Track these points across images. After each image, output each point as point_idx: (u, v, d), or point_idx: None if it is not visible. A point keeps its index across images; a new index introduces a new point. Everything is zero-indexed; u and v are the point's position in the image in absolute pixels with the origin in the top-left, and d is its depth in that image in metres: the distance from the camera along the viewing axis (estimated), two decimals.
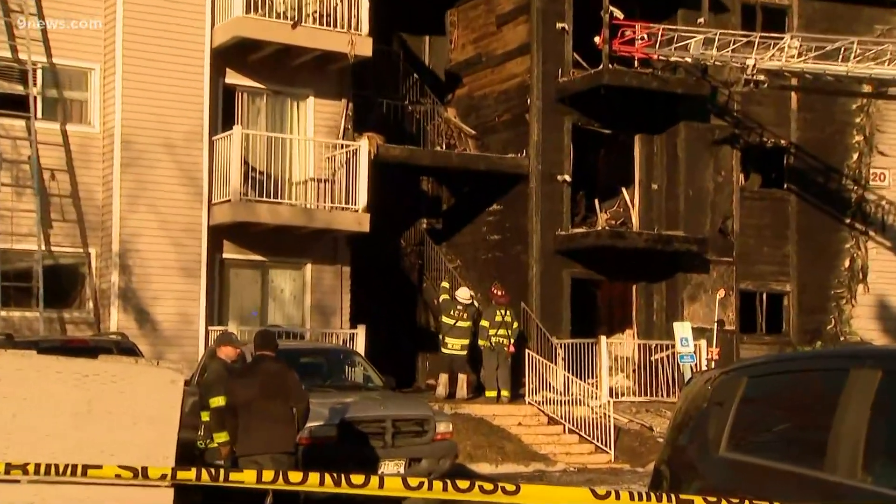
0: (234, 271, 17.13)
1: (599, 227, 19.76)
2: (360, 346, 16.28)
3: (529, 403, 17.26)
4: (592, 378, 18.20)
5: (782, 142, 21.30)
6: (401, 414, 11.52)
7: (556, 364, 18.04)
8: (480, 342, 17.60)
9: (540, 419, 17.00)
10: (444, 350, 17.63)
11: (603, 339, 18.42)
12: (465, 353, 17.61)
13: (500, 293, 17.90)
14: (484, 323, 17.64)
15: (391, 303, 21.13)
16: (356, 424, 11.16)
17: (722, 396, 5.29)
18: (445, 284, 18.51)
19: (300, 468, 8.91)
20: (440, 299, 18.00)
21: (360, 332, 16.58)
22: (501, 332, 17.55)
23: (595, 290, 21.67)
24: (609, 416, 16.32)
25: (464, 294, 17.98)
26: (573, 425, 16.59)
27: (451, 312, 17.57)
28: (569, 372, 17.69)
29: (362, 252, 18.86)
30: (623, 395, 18.45)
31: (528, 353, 17.68)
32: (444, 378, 17.67)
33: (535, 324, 19.13)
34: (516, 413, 17.05)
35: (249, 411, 8.43)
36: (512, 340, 17.62)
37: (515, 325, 17.80)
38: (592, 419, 16.47)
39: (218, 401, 9.17)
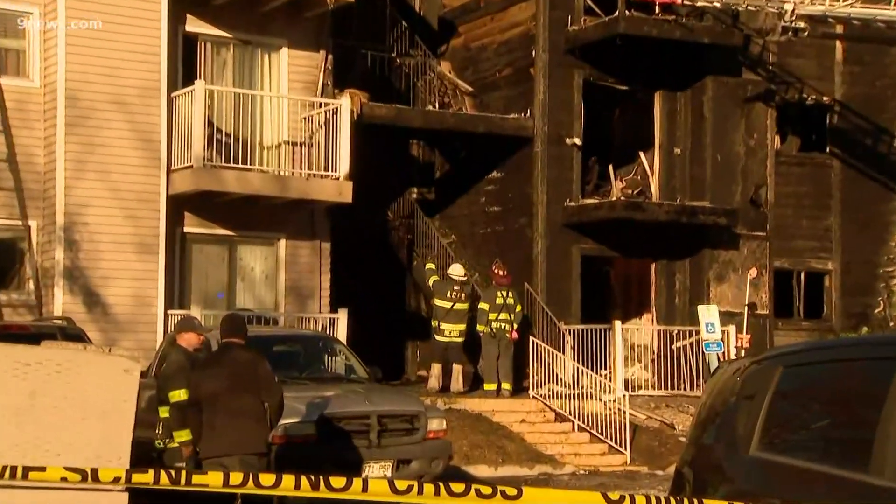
0: (197, 247, 17.12)
1: (614, 198, 19.77)
2: (341, 332, 16.30)
3: (534, 398, 17.33)
4: (605, 369, 18.26)
5: (825, 99, 21.30)
6: (388, 409, 11.55)
7: (563, 353, 18.09)
8: (479, 328, 17.64)
9: (546, 415, 17.07)
10: (438, 338, 17.66)
11: (617, 324, 18.47)
12: (462, 339, 17.65)
13: (501, 273, 17.93)
14: (483, 306, 17.66)
15: (377, 283, 21.15)
16: (337, 421, 11.19)
17: (753, 389, 5.31)
18: (431, 265, 18.52)
19: (273, 471, 8.93)
20: (430, 282, 18.00)
21: (342, 316, 16.60)
22: (503, 316, 17.58)
23: (608, 268, 21.71)
24: (624, 413, 16.40)
25: (457, 270, 18.00)
26: (583, 422, 16.66)
27: (448, 294, 17.59)
28: (579, 362, 17.75)
29: (344, 226, 18.84)
30: (640, 388, 18.53)
31: (533, 341, 17.73)
32: (436, 369, 17.73)
33: (541, 307, 19.17)
34: (519, 408, 17.11)
35: (215, 407, 8.44)
36: (515, 326, 17.66)
37: (518, 308, 17.84)
38: (605, 415, 16.54)
39: (179, 395, 9.18)
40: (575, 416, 16.73)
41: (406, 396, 12.96)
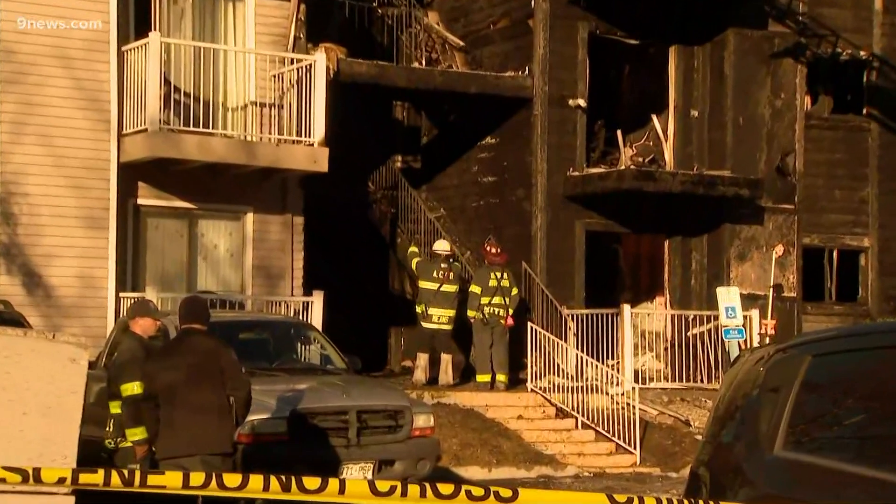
0: (152, 222, 17.10)
1: (622, 166, 19.79)
2: (315, 317, 16.32)
3: (532, 391, 17.39)
4: (613, 359, 18.31)
5: (862, 53, 21.30)
6: (368, 404, 11.58)
7: (566, 341, 18.15)
8: (470, 313, 17.67)
9: (546, 411, 17.13)
10: (425, 324, 17.69)
11: (626, 308, 18.53)
12: (451, 326, 17.69)
13: (494, 251, 17.94)
14: (474, 289, 17.69)
15: (356, 263, 21.17)
16: (311, 418, 11.22)
17: (778, 380, 5.33)
18: (413, 248, 18.54)
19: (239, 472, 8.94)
20: (413, 264, 18.01)
21: (317, 299, 16.62)
22: (497, 300, 17.61)
23: (616, 246, 21.75)
24: (634, 408, 16.47)
25: (442, 246, 18.01)
26: (588, 418, 16.73)
27: (434, 274, 17.61)
28: (583, 351, 17.80)
29: (319, 198, 18.83)
30: (652, 380, 18.60)
31: (531, 327, 17.78)
32: (423, 359, 17.76)
33: (540, 290, 19.21)
34: (516, 403, 17.17)
35: (173, 401, 8.45)
36: (510, 311, 17.69)
37: (514, 291, 17.87)
38: (613, 411, 16.62)
39: (132, 388, 9.19)
40: (578, 412, 16.79)
41: (389, 390, 12.99)
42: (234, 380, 8.57)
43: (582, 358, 17.51)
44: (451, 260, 17.95)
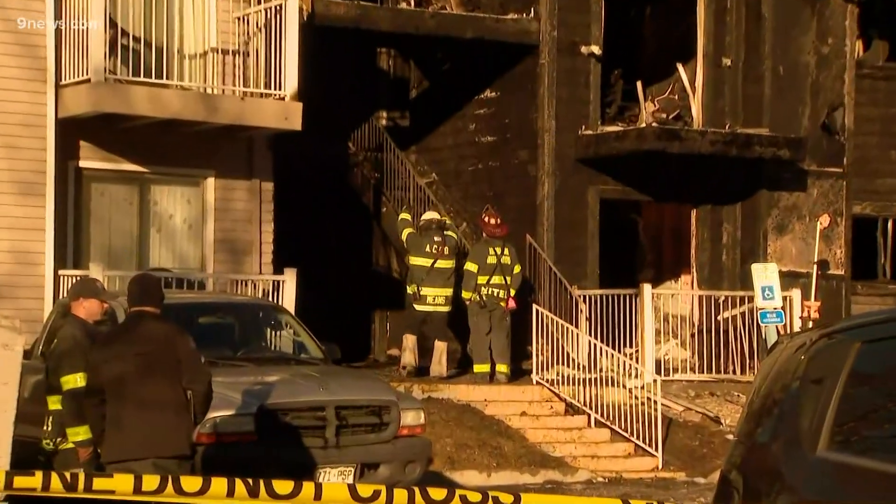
0: (97, 188, 17.06)
1: (643, 124, 19.78)
2: (288, 299, 16.32)
3: (538, 383, 17.43)
4: (631, 347, 18.34)
5: None
6: (349, 399, 11.60)
7: (577, 326, 18.16)
8: (465, 294, 17.67)
9: (553, 406, 17.18)
10: (417, 306, 17.71)
11: (647, 289, 18.55)
12: (448, 308, 17.70)
13: (494, 222, 17.92)
14: (470, 267, 17.68)
15: (335, 236, 21.17)
16: (283, 415, 11.23)
17: (822, 371, 5.34)
18: (406, 215, 18.45)
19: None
20: (404, 236, 17.99)
21: (289, 278, 16.61)
22: (496, 279, 17.61)
23: (636, 217, 21.74)
24: (655, 403, 16.51)
25: (432, 214, 18.04)
26: (602, 415, 16.78)
27: (426, 248, 17.61)
28: (596, 337, 17.83)
29: (291, 160, 18.80)
30: (676, 371, 18.65)
31: (537, 311, 17.80)
32: (410, 341, 17.76)
33: (548, 267, 19.22)
34: (519, 397, 17.21)
35: (121, 396, 8.45)
36: (512, 292, 17.70)
37: (517, 268, 17.87)
38: (631, 406, 16.66)
39: (74, 380, 9.18)
40: (591, 408, 16.83)
41: (372, 382, 13.01)
42: (192, 371, 8.57)
43: (595, 346, 17.53)
44: (445, 231, 17.93)
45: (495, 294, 17.55)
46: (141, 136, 16.75)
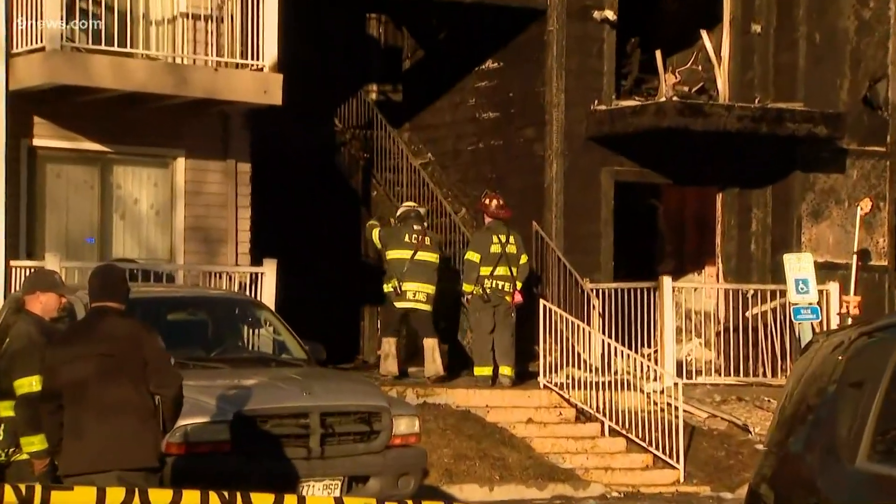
0: (52, 169, 17.05)
1: (663, 97, 19.76)
2: (267, 293, 16.34)
3: (546, 387, 17.44)
4: (649, 346, 18.34)
5: None
6: (335, 404, 11.59)
7: (589, 323, 18.17)
8: (466, 287, 17.69)
9: (563, 413, 17.19)
10: (398, 304, 17.71)
11: (667, 282, 18.55)
12: (430, 307, 17.71)
13: (496, 202, 17.89)
14: (471, 256, 17.68)
15: (319, 224, 21.14)
16: (262, 422, 11.22)
17: (862, 373, 5.33)
18: (372, 221, 18.58)
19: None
20: (375, 235, 17.94)
21: (269, 270, 16.62)
22: (501, 270, 17.60)
23: (654, 201, 21.72)
24: (677, 409, 16.51)
25: (411, 203, 18.11)
26: (617, 423, 16.79)
27: (405, 238, 17.60)
28: (611, 336, 17.84)
29: (271, 139, 18.78)
30: (700, 373, 18.65)
31: (545, 306, 17.80)
32: (390, 345, 17.71)
33: (556, 258, 19.22)
34: (525, 403, 17.22)
35: (81, 401, 8.43)
36: (518, 285, 17.70)
37: (524, 259, 17.87)
38: (650, 413, 16.67)
39: (29, 384, 9.16)
40: (605, 414, 16.85)
41: (361, 386, 13.00)
42: (160, 373, 8.55)
43: (610, 345, 17.53)
44: (425, 221, 17.94)
45: (500, 287, 17.54)
46: (102, 111, 16.73)
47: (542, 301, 17.90)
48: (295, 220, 20.57)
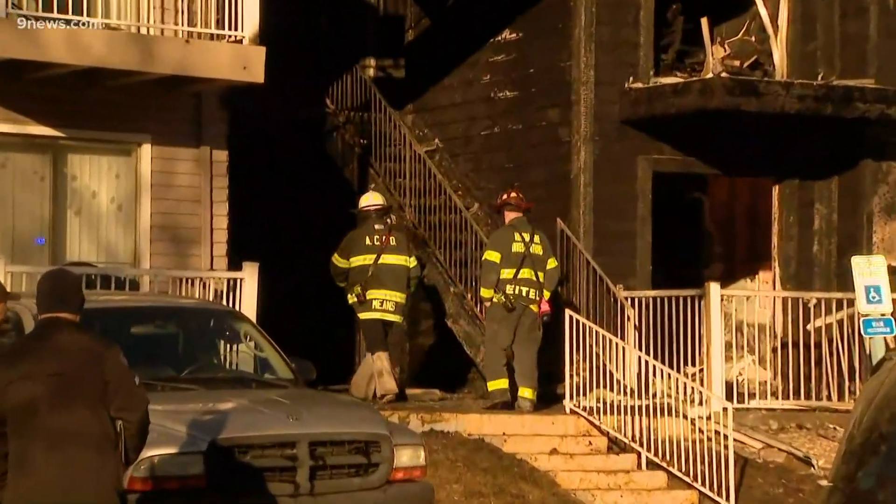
0: None
1: (710, 74, 19.74)
2: (247, 303, 16.36)
3: (573, 412, 17.42)
4: (694, 365, 18.31)
5: None
6: (327, 432, 11.57)
7: (623, 337, 18.15)
8: (484, 293, 17.70)
9: (593, 442, 17.17)
10: (362, 314, 17.77)
11: (714, 289, 18.51)
12: (401, 318, 17.87)
13: (514, 195, 17.85)
14: (491, 256, 17.63)
15: (307, 221, 21.13)
16: (241, 453, 11.20)
17: None
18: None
19: None
20: (335, 260, 17.90)
21: (249, 276, 16.63)
22: (525, 273, 17.55)
23: (699, 195, 21.69)
24: (727, 438, 16.49)
25: (374, 198, 18.07)
26: (656, 454, 16.76)
27: (366, 240, 17.66)
28: (648, 353, 17.82)
29: (251, 123, 18.79)
30: (753, 396, 18.62)
31: (570, 318, 17.76)
32: (382, 360, 17.59)
33: (584, 261, 19.22)
34: (548, 430, 17.20)
35: (29, 428, 8.41)
36: (546, 294, 17.69)
37: (552, 262, 17.84)
38: (694, 443, 16.64)
39: None
40: (642, 444, 16.82)
41: (357, 410, 13.02)
42: (122, 396, 8.54)
43: (647, 363, 17.50)
44: (390, 220, 17.93)
45: (524, 294, 17.54)
46: (55, 90, 16.78)
47: (567, 311, 17.86)
48: (279, 217, 20.58)
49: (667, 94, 19.56)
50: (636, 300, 18.67)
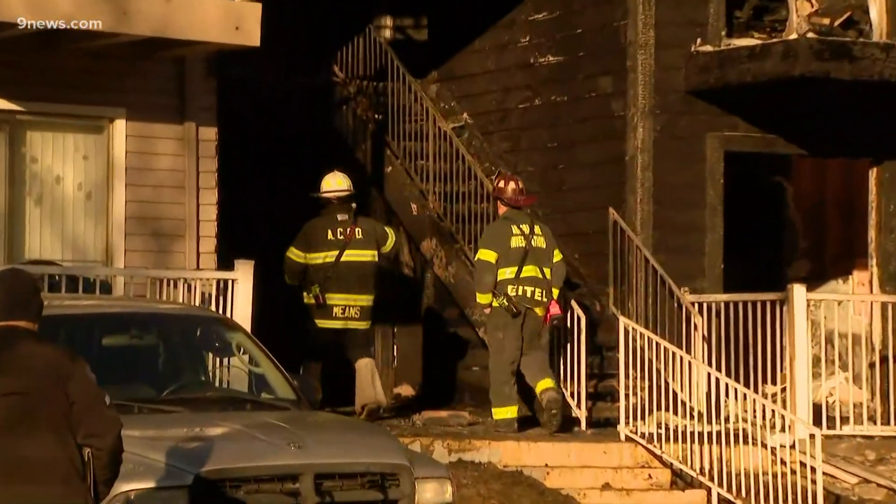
0: None
1: (794, 35, 19.70)
2: (240, 309, 16.45)
3: (629, 439, 17.46)
4: (774, 383, 18.28)
5: None
6: (335, 462, 11.58)
7: (689, 351, 18.17)
8: (482, 299, 17.85)
9: (654, 475, 17.20)
10: (320, 322, 18.01)
11: (799, 293, 18.49)
12: (367, 323, 18.15)
13: (513, 185, 17.92)
14: (485, 255, 17.76)
15: (311, 214, 21.14)
16: (234, 487, 11.21)
17: None
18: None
19: None
20: (293, 255, 18.15)
21: (243, 276, 16.66)
22: (528, 270, 17.68)
23: (781, 180, 21.67)
24: (814, 470, 16.47)
25: (336, 182, 18.16)
26: (729, 490, 16.76)
27: (327, 234, 17.88)
28: (719, 369, 17.83)
29: (245, 94, 18.81)
30: (846, 421, 18.61)
31: (625, 326, 17.76)
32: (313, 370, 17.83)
33: (642, 258, 19.22)
34: (600, 461, 17.25)
35: None
36: (555, 293, 17.82)
37: (557, 255, 17.95)
38: (775, 476, 16.64)
39: None
40: (713, 478, 16.82)
41: (371, 436, 13.02)
42: (91, 419, 8.54)
43: (718, 381, 17.48)
44: (355, 207, 18.05)
45: (529, 295, 17.64)
46: (11, 54, 16.94)
47: (622, 319, 17.87)
48: (278, 207, 20.57)
49: (742, 58, 19.54)
50: (705, 306, 18.68)
